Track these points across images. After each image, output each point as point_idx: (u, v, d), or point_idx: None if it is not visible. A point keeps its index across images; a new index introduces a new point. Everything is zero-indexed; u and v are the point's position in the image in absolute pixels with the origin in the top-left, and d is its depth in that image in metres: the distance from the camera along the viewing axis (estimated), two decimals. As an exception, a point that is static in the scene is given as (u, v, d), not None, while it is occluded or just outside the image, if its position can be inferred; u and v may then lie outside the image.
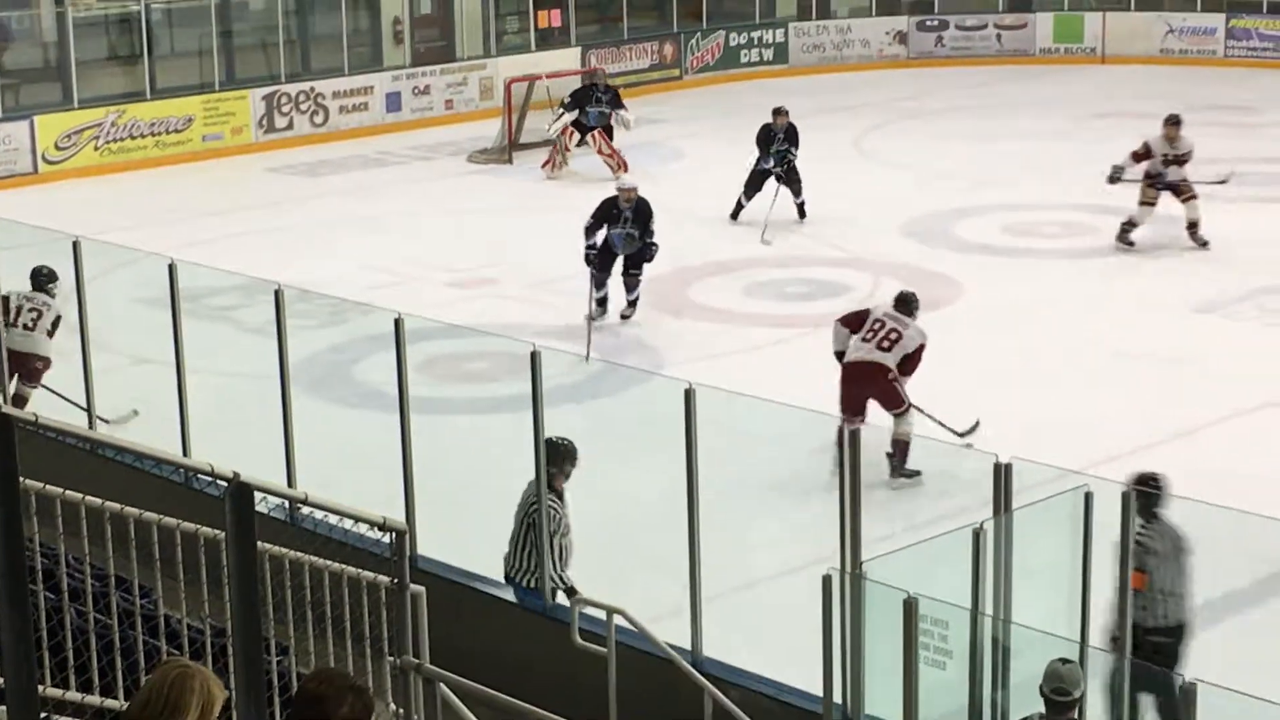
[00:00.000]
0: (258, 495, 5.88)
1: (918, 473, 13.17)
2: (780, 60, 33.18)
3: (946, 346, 16.51)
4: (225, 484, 5.60)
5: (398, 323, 10.61)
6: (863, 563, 8.40)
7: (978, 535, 8.03)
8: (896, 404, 13.31)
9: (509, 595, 10.41)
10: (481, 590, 10.53)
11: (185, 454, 11.80)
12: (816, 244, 20.41)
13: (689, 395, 9.22)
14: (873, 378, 13.28)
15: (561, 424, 10.51)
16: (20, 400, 13.77)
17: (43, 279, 14.43)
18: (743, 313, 17.86)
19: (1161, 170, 19.36)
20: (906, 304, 13.80)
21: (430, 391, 14.26)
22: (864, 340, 13.37)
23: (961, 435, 13.66)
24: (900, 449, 13.23)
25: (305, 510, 8.91)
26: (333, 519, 7.92)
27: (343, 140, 27.54)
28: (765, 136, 21.26)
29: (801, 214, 21.23)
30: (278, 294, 11.40)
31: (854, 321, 13.61)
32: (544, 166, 24.62)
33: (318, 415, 13.58)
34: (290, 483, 11.11)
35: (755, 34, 33.20)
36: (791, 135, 21.21)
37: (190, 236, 21.06)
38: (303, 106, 27.86)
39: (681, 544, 9.49)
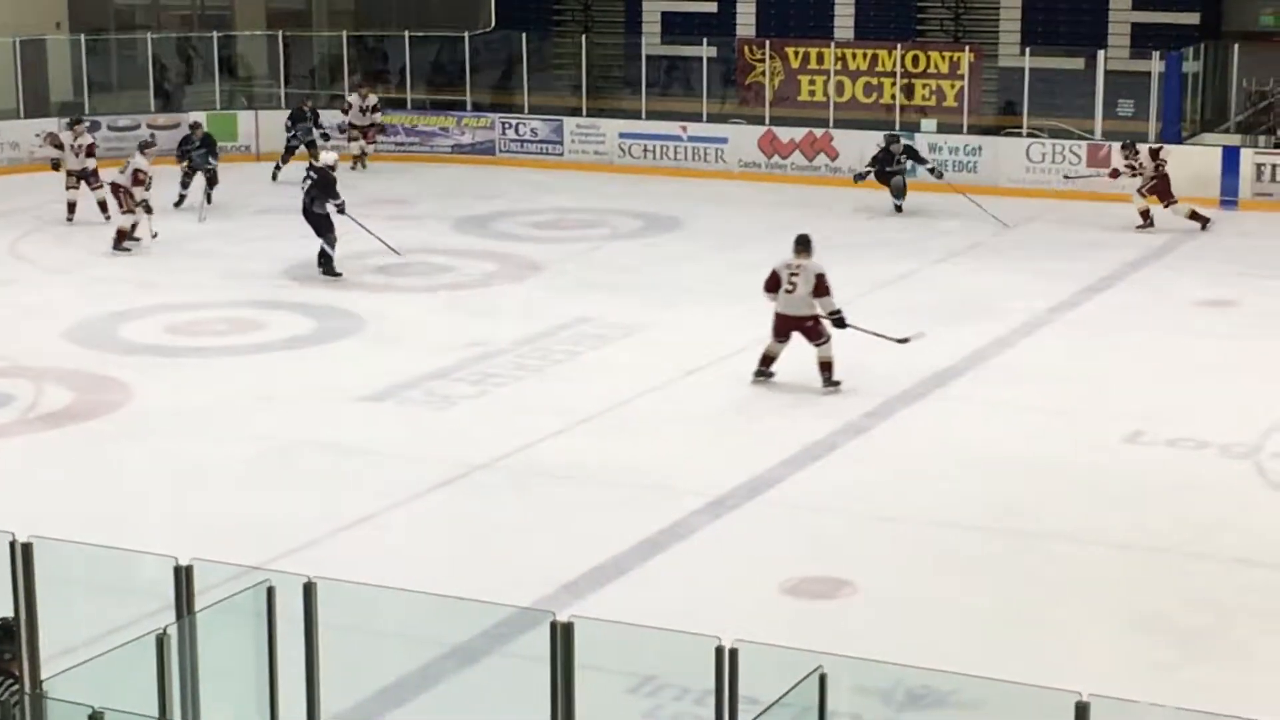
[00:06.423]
0: None
1: (839, 382, 17.63)
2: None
3: (117, 455, 16.19)
4: None
5: None
6: (43, 680, 8.13)
7: (161, 641, 7.91)
8: (816, 337, 17.69)
9: None
10: None
11: None
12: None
13: None
14: (799, 322, 17.69)
15: None
16: None
17: None
18: (-102, 431, 16.91)
19: None
20: (803, 245, 17.76)
21: None
22: (787, 293, 17.54)
23: (901, 341, 18.25)
24: (826, 368, 17.65)
25: None
26: None
27: None
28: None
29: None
30: None
31: (771, 283, 17.65)
32: None
33: None
34: None
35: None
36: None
37: None
38: None
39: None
